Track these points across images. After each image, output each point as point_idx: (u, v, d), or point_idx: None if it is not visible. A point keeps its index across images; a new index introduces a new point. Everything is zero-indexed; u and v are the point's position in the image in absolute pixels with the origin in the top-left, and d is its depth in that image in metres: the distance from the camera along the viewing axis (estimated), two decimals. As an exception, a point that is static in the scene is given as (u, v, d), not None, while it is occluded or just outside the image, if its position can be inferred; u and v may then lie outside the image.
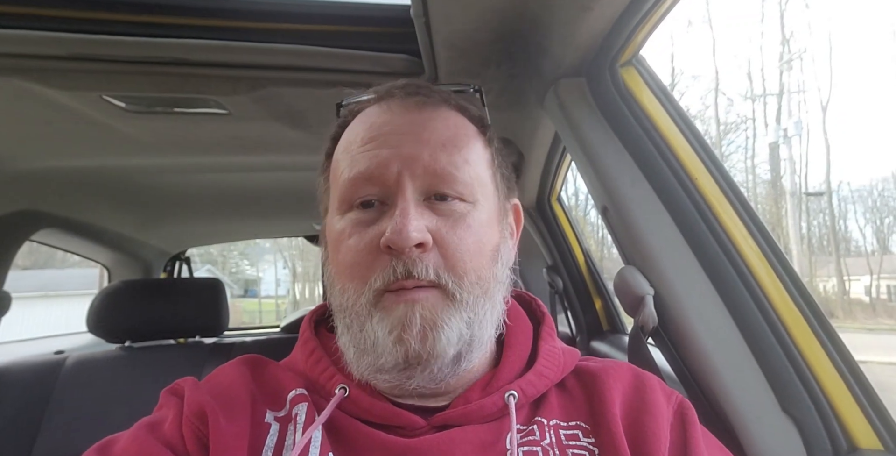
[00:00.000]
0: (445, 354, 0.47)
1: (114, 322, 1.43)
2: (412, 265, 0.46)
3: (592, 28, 0.74)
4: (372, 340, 0.47)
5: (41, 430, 1.22)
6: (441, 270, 0.48)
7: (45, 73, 0.92)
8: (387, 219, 0.48)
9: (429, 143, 0.50)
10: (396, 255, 0.46)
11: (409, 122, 0.52)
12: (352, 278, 0.49)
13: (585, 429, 0.51)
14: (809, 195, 17.23)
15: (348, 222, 0.51)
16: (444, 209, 0.50)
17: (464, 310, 0.48)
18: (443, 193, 0.50)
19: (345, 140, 0.55)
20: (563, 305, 1.66)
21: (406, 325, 0.46)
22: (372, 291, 0.47)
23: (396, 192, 0.49)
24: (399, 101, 0.54)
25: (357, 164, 0.51)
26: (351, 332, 0.50)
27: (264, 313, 21.51)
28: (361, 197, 0.50)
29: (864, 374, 0.64)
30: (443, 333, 0.47)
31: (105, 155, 1.34)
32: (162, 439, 0.47)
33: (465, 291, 0.48)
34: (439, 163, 0.50)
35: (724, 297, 0.69)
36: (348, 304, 0.49)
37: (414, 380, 0.48)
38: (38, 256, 13.12)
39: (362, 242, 0.49)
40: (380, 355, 0.47)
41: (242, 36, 0.87)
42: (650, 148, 0.79)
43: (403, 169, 0.49)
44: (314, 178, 1.92)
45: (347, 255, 0.50)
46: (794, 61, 17.08)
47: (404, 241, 0.45)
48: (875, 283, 16.46)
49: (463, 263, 0.49)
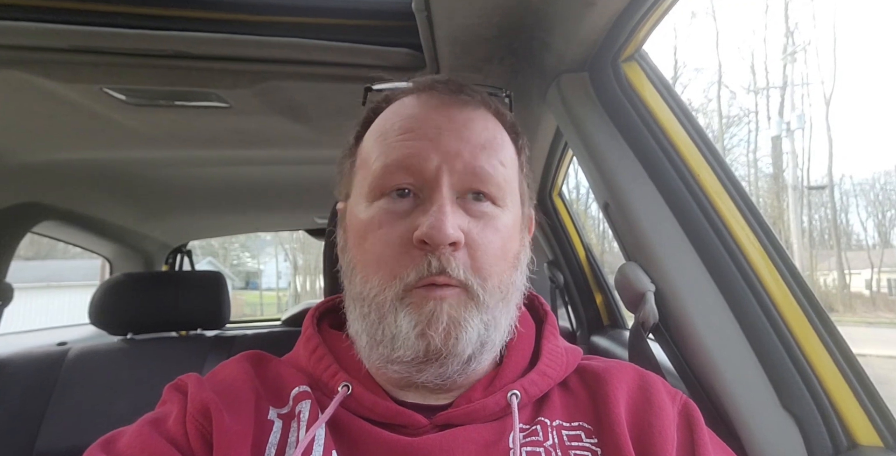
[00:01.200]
0: (463, 354, 0.47)
1: (116, 314, 1.44)
2: (447, 262, 0.46)
3: (595, 23, 0.73)
4: (392, 332, 0.47)
5: (44, 421, 1.22)
6: (468, 271, 0.48)
7: (47, 66, 0.91)
8: (421, 213, 0.48)
9: (469, 141, 0.50)
10: (430, 250, 0.46)
11: (450, 119, 0.51)
12: (377, 269, 0.48)
13: (588, 429, 0.51)
14: (811, 189, 17.20)
15: (378, 211, 0.50)
16: (476, 210, 0.50)
17: (484, 312, 0.48)
18: (478, 192, 0.50)
19: (379, 126, 0.54)
20: (564, 300, 1.66)
21: (432, 321, 0.46)
22: (402, 284, 0.47)
23: (434, 186, 0.49)
24: (441, 96, 0.53)
25: (394, 152, 0.50)
26: (367, 321, 0.49)
27: (265, 306, 21.60)
28: (396, 185, 0.49)
29: (864, 370, 0.64)
30: (464, 332, 0.47)
31: (106, 148, 1.34)
32: (166, 436, 0.47)
33: (487, 293, 0.49)
34: (479, 161, 0.50)
35: (725, 293, 0.69)
36: (370, 294, 0.49)
37: (424, 374, 0.49)
38: (40, 247, 13.16)
39: (394, 233, 0.48)
40: (398, 348, 0.47)
41: (244, 29, 0.87)
42: (652, 144, 0.79)
43: (443, 163, 0.49)
44: (316, 172, 1.91)
45: (376, 245, 0.49)
46: (798, 53, 16.97)
47: (443, 237, 0.45)
48: (876, 276, 16.48)
49: (489, 265, 0.49)
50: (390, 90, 0.57)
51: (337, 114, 1.14)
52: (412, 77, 0.58)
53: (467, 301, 0.48)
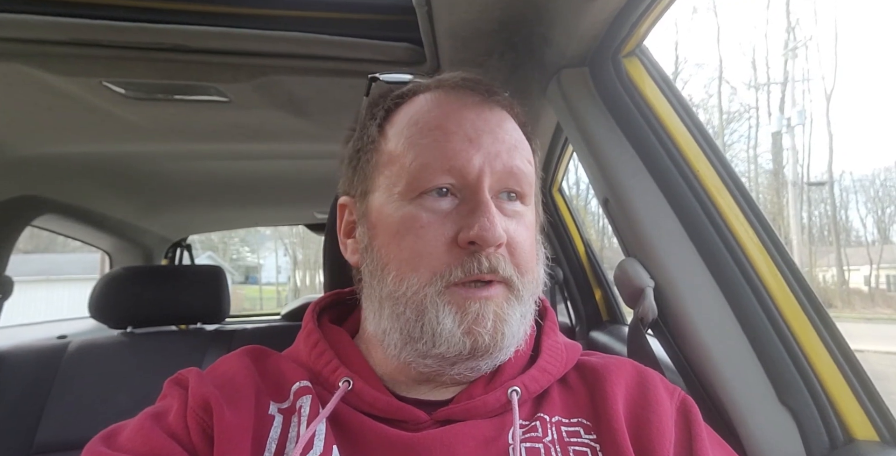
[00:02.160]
0: (509, 347, 0.50)
1: (115, 308, 1.44)
2: (496, 262, 0.48)
3: (596, 18, 0.73)
4: (433, 328, 0.48)
5: (44, 414, 1.23)
6: (511, 268, 0.50)
7: (46, 58, 0.91)
8: (465, 213, 0.49)
9: (504, 142, 0.52)
10: (477, 250, 0.48)
11: (485, 120, 0.52)
12: (416, 268, 0.48)
13: (587, 425, 0.51)
14: (811, 185, 17.19)
15: (418, 209, 0.50)
16: (510, 209, 0.52)
17: (522, 305, 0.51)
18: (514, 191, 0.52)
19: (410, 122, 0.53)
20: (563, 296, 1.66)
21: (479, 319, 0.48)
22: (444, 281, 0.48)
23: (476, 187, 0.49)
24: (474, 96, 0.53)
25: (435, 151, 0.50)
26: (402, 319, 0.49)
27: (265, 300, 21.65)
28: (437, 185, 0.50)
29: (862, 365, 0.64)
30: (508, 327, 0.49)
31: (106, 141, 1.34)
32: (167, 430, 0.47)
33: (525, 288, 0.51)
34: (514, 161, 0.51)
35: (724, 289, 0.70)
36: (406, 292, 0.49)
37: (456, 368, 0.50)
38: (39, 241, 13.16)
39: (436, 232, 0.49)
40: (439, 344, 0.48)
41: (243, 23, 0.86)
42: (652, 139, 0.79)
43: (485, 165, 0.50)
44: (316, 167, 1.90)
45: (417, 243, 0.49)
46: (799, 49, 16.91)
47: (495, 238, 0.47)
48: (875, 273, 16.51)
49: (526, 262, 0.51)
50: (413, 83, 0.58)
51: (337, 108, 1.14)
52: (413, 72, 0.57)
53: (509, 296, 0.50)
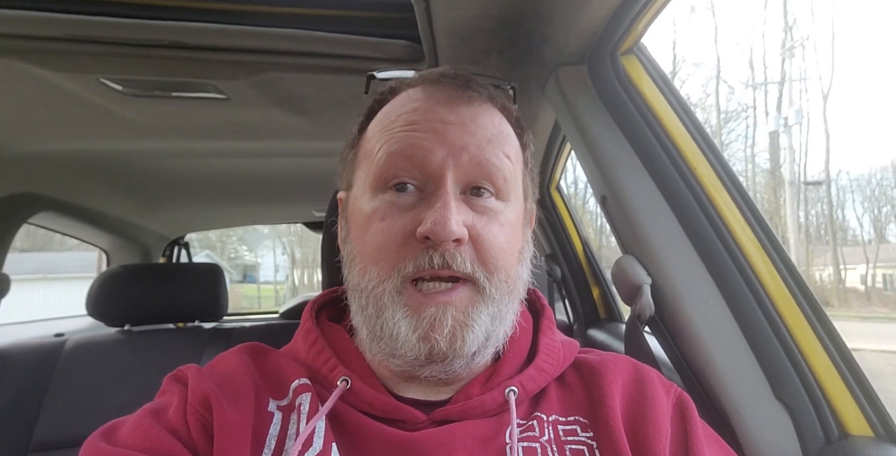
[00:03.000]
0: (468, 352, 0.48)
1: (113, 306, 1.44)
2: (450, 257, 0.47)
3: (594, 15, 0.73)
4: (391, 330, 0.47)
5: (41, 412, 1.23)
6: (475, 264, 0.48)
7: (42, 55, 0.91)
8: (424, 207, 0.48)
9: (475, 136, 0.50)
10: (432, 246, 0.47)
11: (457, 114, 0.51)
12: (377, 261, 0.48)
13: (584, 423, 0.51)
14: (808, 184, 17.23)
15: (381, 203, 0.50)
16: (480, 205, 0.50)
17: (491, 305, 0.49)
18: (482, 187, 0.50)
19: (384, 117, 0.53)
20: (561, 294, 1.67)
21: (435, 325, 0.46)
22: (400, 276, 0.47)
23: (438, 180, 0.49)
24: (448, 90, 0.52)
25: (398, 143, 0.50)
26: (365, 314, 0.50)
27: (263, 299, 21.62)
28: (398, 178, 0.49)
29: (857, 362, 0.64)
30: (471, 332, 0.47)
31: (103, 138, 1.33)
32: (166, 426, 0.47)
33: (494, 287, 0.49)
34: (484, 155, 0.50)
35: (721, 286, 0.70)
36: (368, 286, 0.49)
37: (425, 370, 0.49)
38: (36, 239, 13.11)
39: (396, 226, 0.48)
40: (399, 347, 0.47)
41: (242, 20, 0.86)
42: (650, 137, 0.79)
43: (448, 157, 0.49)
44: (314, 165, 1.90)
45: (377, 237, 0.49)
46: (797, 49, 16.93)
47: (447, 234, 0.45)
48: (871, 272, 16.55)
49: (495, 259, 0.49)
50: (396, 80, 0.57)
51: (335, 106, 1.14)
52: (411, 69, 0.57)
53: (475, 295, 0.48)
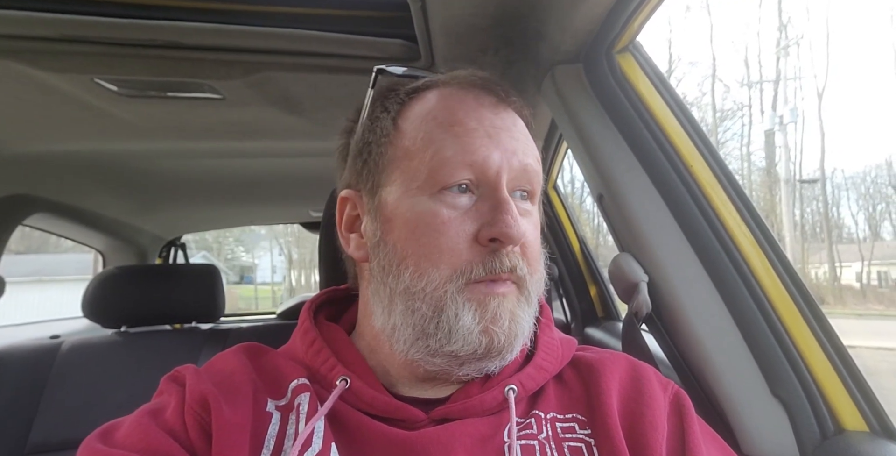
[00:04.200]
0: (517, 347, 0.50)
1: (109, 307, 1.43)
2: (516, 261, 0.49)
3: (590, 13, 0.73)
4: (449, 325, 0.48)
5: (38, 414, 1.22)
6: (527, 268, 0.50)
7: (36, 55, 0.90)
8: (485, 210, 0.49)
9: (519, 141, 0.52)
10: (497, 249, 0.48)
11: (502, 119, 0.53)
12: (436, 263, 0.48)
13: (582, 421, 0.51)
14: (803, 182, 17.30)
15: (438, 205, 0.50)
16: (523, 208, 0.52)
17: (531, 305, 0.51)
18: (526, 190, 0.53)
19: (426, 116, 0.53)
20: (559, 293, 1.67)
21: (496, 318, 0.48)
22: (465, 278, 0.48)
23: (495, 184, 0.50)
24: (491, 95, 0.54)
25: (455, 147, 0.50)
26: (416, 315, 0.49)
27: (260, 300, 21.58)
28: (458, 180, 0.50)
29: (852, 358, 0.65)
30: (520, 327, 0.49)
31: (98, 139, 1.33)
32: (164, 427, 0.47)
33: (533, 288, 0.51)
34: (527, 160, 0.52)
35: (718, 283, 0.70)
36: (426, 288, 0.48)
37: (464, 368, 0.50)
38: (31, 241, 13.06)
39: (459, 228, 0.49)
40: (454, 341, 0.47)
41: (237, 19, 0.86)
42: (646, 135, 0.79)
43: (504, 163, 0.50)
44: (310, 164, 1.89)
45: (439, 239, 0.49)
46: (791, 47, 17.01)
47: (518, 236, 0.47)
48: (866, 269, 16.63)
49: (535, 261, 0.52)
50: (428, 79, 0.57)
51: (331, 105, 1.14)
52: (410, 66, 0.58)
53: (519, 297, 0.50)
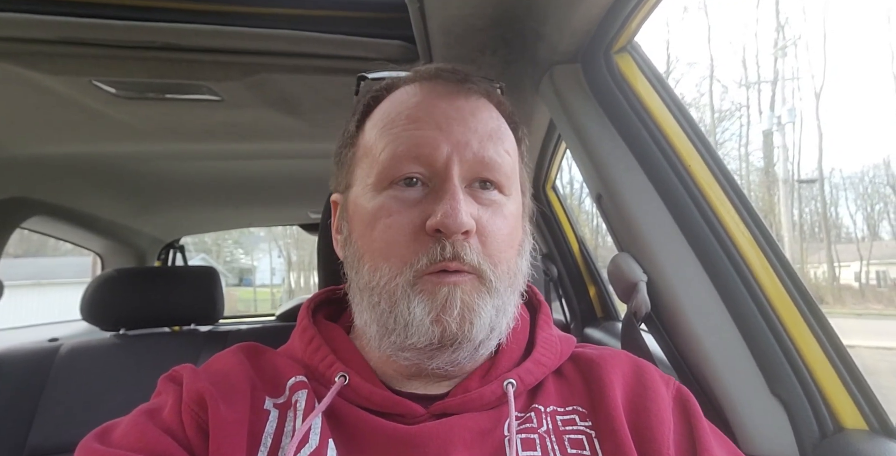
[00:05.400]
0: (476, 339, 0.48)
1: (108, 310, 1.43)
2: (460, 248, 0.47)
3: (588, 13, 0.73)
4: (405, 319, 0.47)
5: (36, 417, 1.22)
6: (480, 256, 0.49)
7: (34, 57, 0.90)
8: (432, 201, 0.48)
9: (476, 130, 0.51)
10: (442, 238, 0.47)
11: (457, 108, 0.52)
12: (387, 257, 0.48)
13: (582, 413, 0.51)
14: (802, 182, 17.32)
15: (387, 199, 0.50)
16: (485, 198, 0.51)
17: (496, 297, 0.50)
18: (487, 180, 0.51)
19: (383, 115, 0.53)
20: (558, 293, 1.67)
21: (446, 307, 0.47)
22: (413, 270, 0.47)
23: (444, 175, 0.49)
24: (447, 85, 0.53)
25: (402, 140, 0.50)
26: (377, 310, 0.49)
27: (259, 302, 21.53)
28: (405, 174, 0.49)
29: (852, 357, 0.65)
30: (478, 317, 0.48)
31: (96, 141, 1.33)
32: (161, 426, 0.47)
33: (498, 279, 0.50)
34: (487, 151, 0.50)
35: (717, 283, 0.70)
36: (380, 282, 0.49)
37: (435, 361, 0.49)
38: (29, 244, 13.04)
39: (404, 220, 0.48)
40: (411, 335, 0.47)
41: (235, 21, 0.86)
42: (644, 135, 0.79)
43: (453, 153, 0.49)
44: (309, 166, 1.89)
45: (386, 233, 0.49)
46: (789, 48, 17.05)
47: (458, 225, 0.46)
48: (865, 269, 16.64)
49: (499, 252, 0.50)
50: (391, 79, 0.57)
51: (330, 106, 1.14)
52: (406, 69, 0.58)
53: (479, 287, 0.49)
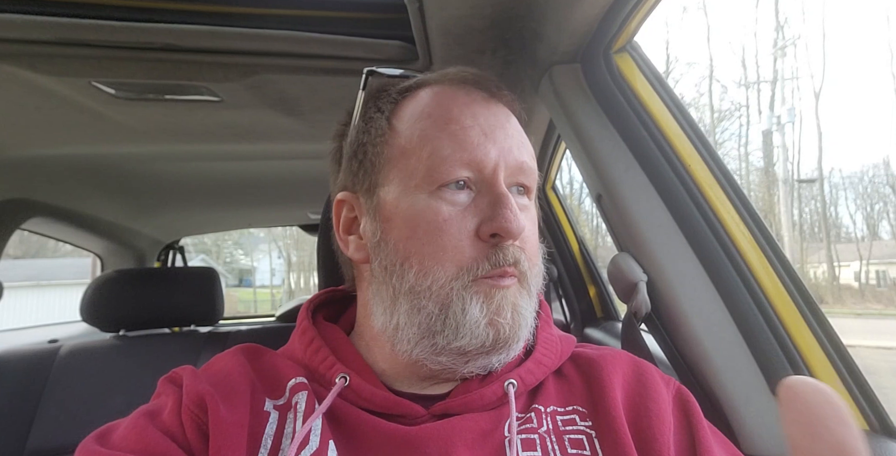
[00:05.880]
0: (521, 339, 0.50)
1: (108, 311, 1.43)
2: (518, 254, 0.49)
3: (587, 13, 0.73)
4: (457, 321, 0.48)
5: (36, 418, 1.22)
6: (527, 261, 0.51)
7: (34, 59, 0.90)
8: (484, 206, 0.49)
9: (514, 137, 0.53)
10: (498, 243, 0.48)
11: (495, 115, 0.53)
12: (441, 261, 0.48)
13: (583, 413, 0.51)
14: (801, 182, 17.34)
15: (439, 202, 0.50)
16: (521, 203, 0.53)
17: (532, 299, 0.52)
18: (523, 185, 0.53)
19: (420, 114, 0.53)
20: (558, 293, 1.67)
21: (499, 309, 0.48)
22: (471, 275, 0.48)
23: (493, 180, 0.50)
24: (482, 91, 0.55)
25: (454, 144, 0.50)
26: (423, 313, 0.49)
27: (259, 303, 21.54)
28: (456, 178, 0.50)
29: (852, 357, 0.65)
30: (524, 319, 0.50)
31: (96, 143, 1.33)
32: (161, 427, 0.47)
33: (533, 282, 0.52)
34: (524, 157, 0.53)
35: (717, 283, 0.70)
36: (431, 287, 0.48)
37: (469, 366, 0.50)
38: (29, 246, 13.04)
39: (459, 225, 0.49)
40: (462, 336, 0.48)
41: (234, 21, 0.86)
42: (644, 135, 0.79)
43: (500, 159, 0.51)
44: (309, 167, 1.89)
45: (441, 237, 0.49)
46: (788, 48, 17.06)
47: (518, 230, 0.48)
48: (864, 268, 16.65)
49: (534, 255, 0.53)
50: (419, 77, 0.58)
51: (329, 107, 1.14)
52: (405, 69, 0.58)
53: (521, 290, 0.51)
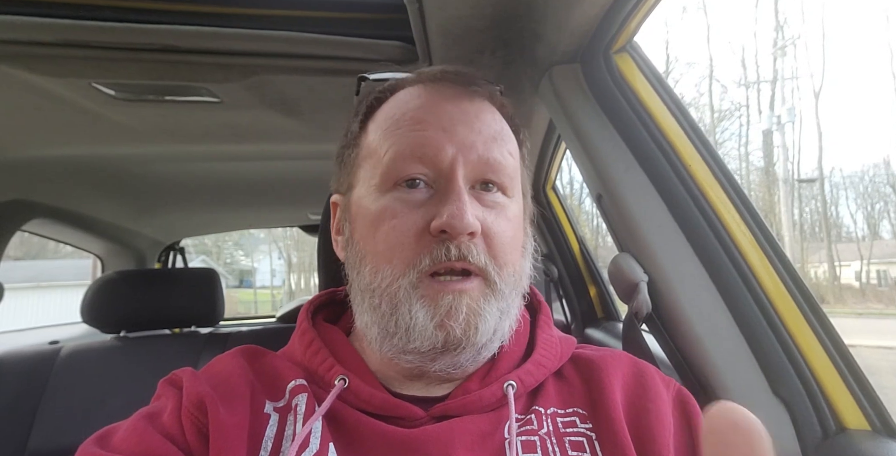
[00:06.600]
0: (479, 342, 0.48)
1: (108, 312, 1.43)
2: (467, 250, 0.47)
3: (587, 13, 0.73)
4: (407, 323, 0.47)
5: (36, 420, 1.22)
6: (487, 258, 0.48)
7: (34, 60, 0.90)
8: (437, 202, 0.48)
9: (481, 132, 0.51)
10: (448, 239, 0.47)
11: (462, 110, 0.52)
12: (390, 259, 0.48)
13: (583, 415, 0.51)
14: (802, 182, 17.33)
15: (391, 201, 0.49)
16: (489, 200, 0.51)
17: (500, 300, 0.49)
18: (490, 182, 0.51)
19: (387, 116, 0.53)
20: (559, 293, 1.67)
21: (451, 312, 0.47)
22: (416, 272, 0.47)
23: (449, 176, 0.49)
24: (452, 87, 0.53)
25: (407, 142, 0.50)
26: (378, 313, 0.49)
27: (260, 304, 21.54)
28: (409, 175, 0.49)
29: (853, 357, 0.65)
30: (483, 322, 0.48)
31: (96, 144, 1.33)
32: (161, 430, 0.47)
33: (503, 281, 0.49)
34: (491, 152, 0.51)
35: (718, 283, 0.70)
36: (382, 285, 0.48)
37: (437, 363, 0.49)
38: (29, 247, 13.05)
39: (408, 222, 0.48)
40: (414, 339, 0.47)
41: (234, 22, 0.86)
42: (644, 135, 0.79)
43: (458, 155, 0.49)
44: (309, 167, 1.89)
45: (389, 234, 0.48)
46: (788, 47, 17.07)
47: (464, 226, 0.46)
48: (865, 268, 16.64)
49: (504, 254, 0.50)
50: (395, 80, 0.57)
51: (329, 108, 1.14)
52: (405, 70, 0.58)
53: (485, 290, 0.49)
